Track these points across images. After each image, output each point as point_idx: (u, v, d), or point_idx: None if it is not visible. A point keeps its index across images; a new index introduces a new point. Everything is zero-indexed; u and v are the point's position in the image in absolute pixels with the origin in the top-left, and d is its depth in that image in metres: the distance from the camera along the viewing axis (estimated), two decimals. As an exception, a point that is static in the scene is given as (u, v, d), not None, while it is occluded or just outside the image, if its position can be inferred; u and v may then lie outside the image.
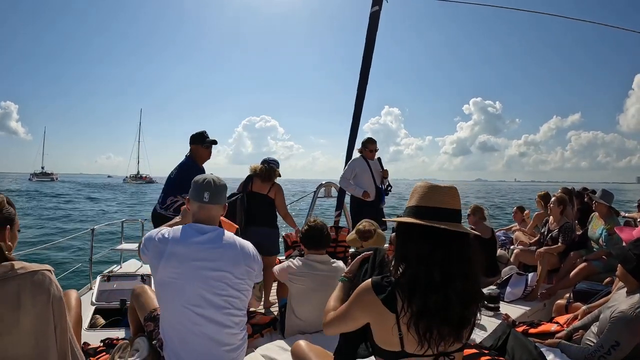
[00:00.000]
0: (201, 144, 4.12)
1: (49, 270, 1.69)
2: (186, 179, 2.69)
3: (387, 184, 5.95)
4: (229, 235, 2.28)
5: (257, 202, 4.25)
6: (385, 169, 5.88)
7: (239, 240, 2.30)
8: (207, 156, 4.22)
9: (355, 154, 5.88)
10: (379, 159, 5.91)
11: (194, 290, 2.10)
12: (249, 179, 4.35)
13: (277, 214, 4.40)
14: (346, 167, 5.80)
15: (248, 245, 2.31)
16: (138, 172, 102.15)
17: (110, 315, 3.87)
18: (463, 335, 1.53)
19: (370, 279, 1.60)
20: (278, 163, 4.41)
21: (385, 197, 5.94)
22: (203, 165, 4.16)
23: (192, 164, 4.05)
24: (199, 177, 2.32)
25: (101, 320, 3.80)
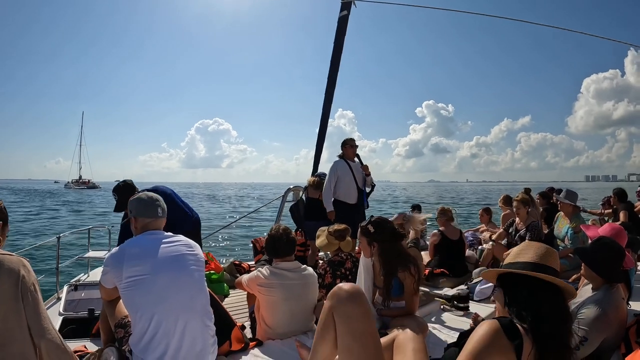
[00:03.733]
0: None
1: (23, 258, 1.98)
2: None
3: (371, 183, 5.87)
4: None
5: (311, 203, 5.83)
6: (365, 164, 5.77)
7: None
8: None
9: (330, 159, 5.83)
10: (357, 155, 5.81)
11: (163, 275, 2.20)
12: (306, 188, 6.07)
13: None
14: (328, 173, 5.66)
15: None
16: (80, 177, 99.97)
17: (78, 325, 3.73)
18: None
19: (496, 320, 1.59)
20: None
21: (367, 199, 5.88)
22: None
23: None
24: (144, 196, 2.49)
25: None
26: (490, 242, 5.32)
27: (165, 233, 2.43)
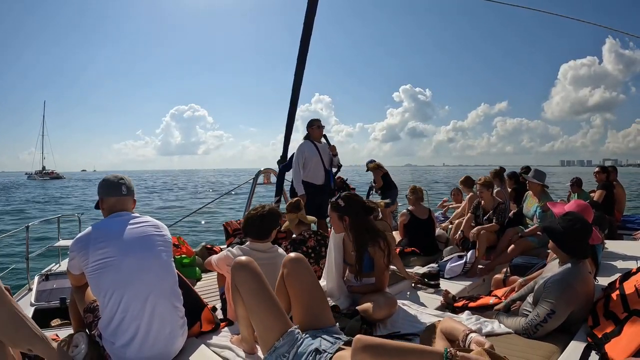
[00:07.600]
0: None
1: None
2: None
3: (338, 164, 5.80)
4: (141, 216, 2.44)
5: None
6: (332, 144, 5.69)
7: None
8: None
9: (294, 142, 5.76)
10: (324, 136, 5.71)
11: (130, 257, 2.17)
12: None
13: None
14: (296, 154, 5.51)
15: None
16: (43, 167, 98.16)
17: (51, 315, 3.67)
18: None
19: None
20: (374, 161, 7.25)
21: (333, 180, 5.82)
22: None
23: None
24: (110, 177, 2.45)
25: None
26: (457, 221, 5.37)
27: (132, 214, 2.38)
